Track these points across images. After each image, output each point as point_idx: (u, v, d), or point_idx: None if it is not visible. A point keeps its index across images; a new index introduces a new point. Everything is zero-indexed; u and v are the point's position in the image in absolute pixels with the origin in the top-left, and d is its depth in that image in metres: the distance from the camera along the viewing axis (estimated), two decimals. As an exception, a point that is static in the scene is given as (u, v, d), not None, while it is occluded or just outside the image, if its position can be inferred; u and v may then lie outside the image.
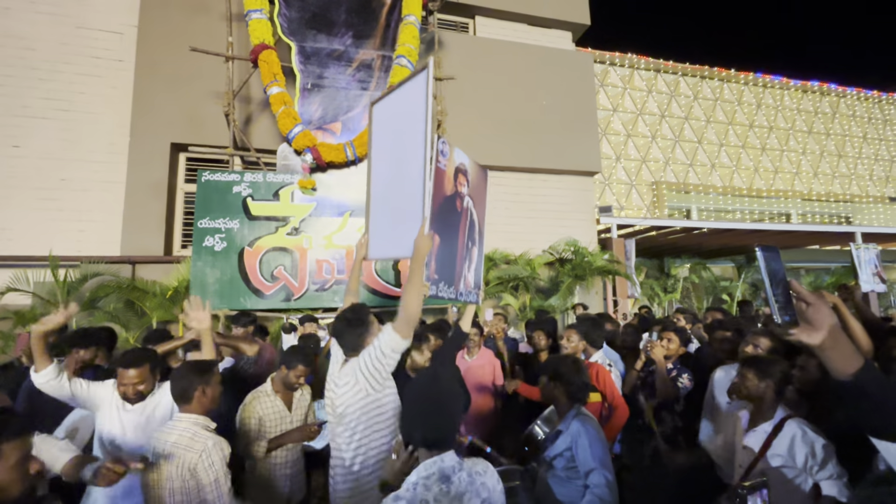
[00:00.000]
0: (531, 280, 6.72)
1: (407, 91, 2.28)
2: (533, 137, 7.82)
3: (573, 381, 2.02)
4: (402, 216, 2.17)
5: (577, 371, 2.05)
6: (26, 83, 6.08)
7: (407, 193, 2.16)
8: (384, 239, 2.38)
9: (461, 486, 1.25)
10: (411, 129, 2.16)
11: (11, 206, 5.84)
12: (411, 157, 2.14)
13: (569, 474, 1.85)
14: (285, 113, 5.73)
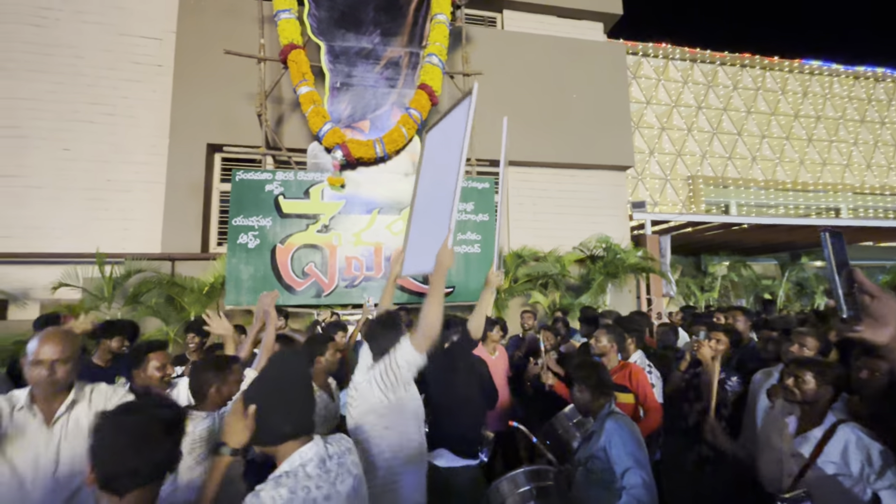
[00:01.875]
0: (561, 277, 6.58)
1: (454, 115, 2.35)
2: (562, 132, 7.66)
3: (594, 383, 1.99)
4: (431, 232, 2.21)
5: (594, 372, 2.04)
6: (75, 89, 6.41)
7: (438, 209, 2.20)
8: (418, 256, 2.43)
9: (335, 467, 1.31)
10: (451, 150, 2.22)
11: (62, 207, 6.18)
12: (447, 174, 2.18)
13: (605, 476, 1.78)
14: (315, 111, 5.83)
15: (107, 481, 0.97)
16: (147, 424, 1.01)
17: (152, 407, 1.05)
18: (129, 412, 1.03)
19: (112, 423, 1.00)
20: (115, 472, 0.97)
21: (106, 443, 0.98)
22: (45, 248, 5.97)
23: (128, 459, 0.97)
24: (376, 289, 5.95)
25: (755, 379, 2.49)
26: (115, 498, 0.97)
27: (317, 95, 5.92)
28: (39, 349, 1.60)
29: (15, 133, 6.19)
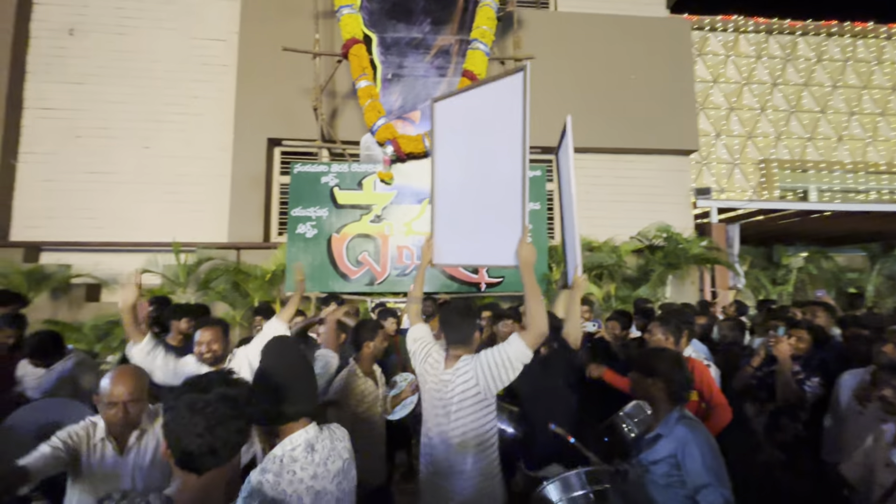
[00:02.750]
0: (617, 268, 6.32)
1: (492, 92, 2.19)
2: (619, 116, 7.29)
3: (673, 379, 1.79)
4: (487, 222, 2.12)
5: (677, 367, 1.83)
6: (153, 91, 6.95)
7: (495, 199, 2.10)
8: (456, 244, 2.33)
9: (324, 451, 1.39)
10: (500, 134, 2.09)
11: (144, 199, 6.77)
12: (501, 162, 2.07)
13: (669, 482, 1.66)
14: (371, 106, 5.94)
15: (185, 460, 0.99)
16: (219, 405, 1.01)
17: (224, 384, 1.05)
18: (202, 391, 1.02)
19: (184, 402, 1.01)
20: (194, 451, 0.98)
21: (181, 423, 0.99)
22: (131, 238, 6.57)
23: (206, 440, 0.98)
24: (427, 277, 6.02)
25: (841, 381, 2.26)
26: (192, 476, 1.00)
27: (374, 90, 6.04)
28: (112, 390, 1.71)
29: (105, 133, 6.83)
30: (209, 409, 1.00)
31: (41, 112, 6.83)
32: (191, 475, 1.00)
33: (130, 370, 1.81)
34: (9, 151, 6.63)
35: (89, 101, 6.85)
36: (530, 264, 1.91)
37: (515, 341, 1.87)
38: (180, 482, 1.00)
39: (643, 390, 1.89)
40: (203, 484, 1.00)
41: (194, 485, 1.00)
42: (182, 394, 1.03)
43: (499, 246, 2.01)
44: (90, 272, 6.33)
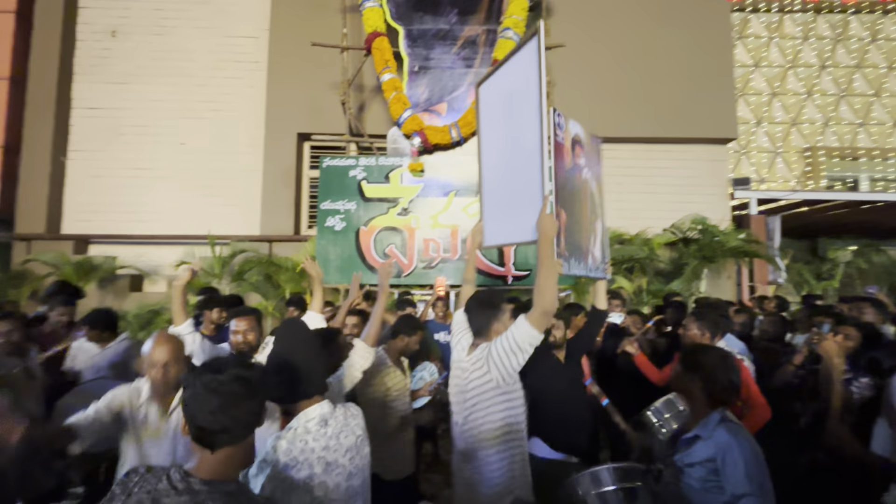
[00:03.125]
0: (649, 261, 6.14)
1: (515, 64, 2.15)
2: (653, 103, 7.04)
3: (718, 380, 1.67)
4: (519, 198, 2.09)
5: (724, 368, 1.69)
6: (189, 89, 7.20)
7: (523, 173, 2.07)
8: (499, 224, 2.33)
9: (337, 426, 1.45)
10: (523, 104, 2.06)
11: (181, 194, 7.04)
12: (525, 133, 2.04)
13: (706, 486, 1.57)
14: (396, 98, 5.96)
15: (200, 437, 1.04)
16: (233, 385, 1.05)
17: (238, 366, 1.08)
18: (217, 372, 1.06)
19: (201, 382, 1.05)
20: (207, 429, 1.03)
21: (197, 401, 1.04)
22: (170, 231, 6.86)
23: (218, 419, 1.03)
24: (453, 270, 6.03)
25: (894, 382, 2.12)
26: (206, 453, 1.04)
27: (398, 82, 6.06)
28: (154, 352, 1.84)
29: (144, 131, 7.13)
30: (223, 389, 1.04)
31: (87, 111, 7.19)
32: (206, 451, 1.05)
33: (169, 335, 1.94)
34: (59, 149, 7.01)
35: (131, 100, 7.16)
36: (548, 237, 1.82)
37: (521, 323, 1.83)
38: (198, 457, 1.06)
39: (683, 386, 1.77)
40: (218, 460, 1.05)
41: (210, 460, 1.04)
42: (199, 374, 1.07)
43: (530, 221, 1.96)
44: (133, 264, 6.66)
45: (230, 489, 1.02)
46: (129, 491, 1.00)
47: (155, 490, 0.99)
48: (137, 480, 1.02)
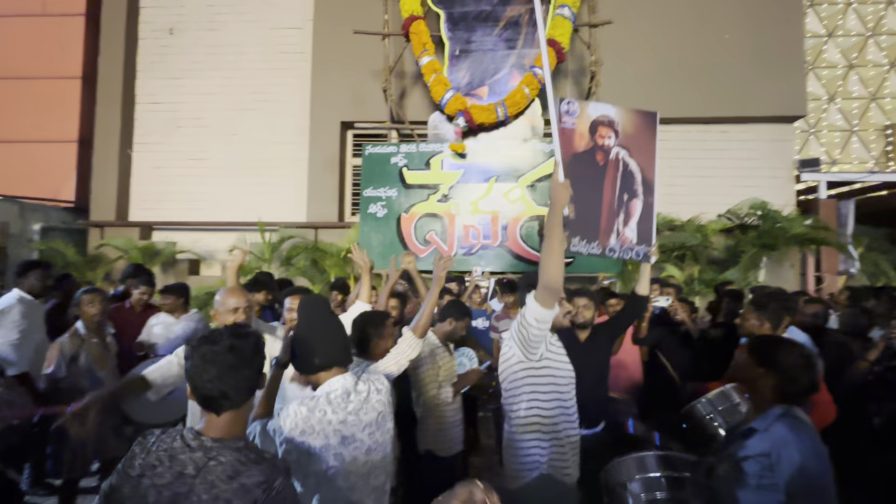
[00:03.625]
0: (702, 249, 5.81)
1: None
2: (710, 80, 6.58)
3: (796, 378, 1.54)
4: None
5: (805, 367, 1.56)
6: (239, 81, 7.49)
7: None
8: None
9: (358, 402, 1.52)
10: None
11: (233, 183, 7.39)
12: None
13: (761, 483, 1.46)
14: (437, 80, 5.92)
15: (204, 402, 1.14)
16: (228, 355, 1.13)
17: (232, 337, 1.16)
18: (213, 343, 1.15)
19: (199, 353, 1.14)
20: (209, 395, 1.12)
21: (197, 371, 1.13)
22: (223, 218, 7.23)
23: (217, 386, 1.12)
24: (493, 256, 5.99)
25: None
26: (213, 415, 1.14)
27: (438, 64, 6.01)
28: (227, 299, 2.07)
29: (199, 123, 7.51)
30: (219, 359, 1.12)
31: (149, 106, 7.66)
32: (211, 415, 1.15)
33: (237, 287, 2.21)
34: (125, 142, 7.54)
35: (187, 94, 7.55)
36: (558, 205, 1.75)
37: (528, 300, 1.84)
38: (206, 419, 1.16)
39: (750, 379, 1.64)
40: (225, 421, 1.15)
41: (217, 422, 1.15)
42: (197, 346, 1.16)
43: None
44: (191, 249, 7.10)
45: (238, 445, 1.12)
46: (148, 449, 1.10)
47: (171, 448, 1.09)
48: (154, 440, 1.11)
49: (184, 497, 1.04)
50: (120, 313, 3.55)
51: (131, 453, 1.10)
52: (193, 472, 1.06)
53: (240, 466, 1.08)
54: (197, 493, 1.04)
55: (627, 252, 2.33)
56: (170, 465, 1.06)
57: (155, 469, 1.06)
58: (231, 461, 1.08)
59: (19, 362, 2.89)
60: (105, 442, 2.70)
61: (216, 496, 1.04)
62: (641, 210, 2.34)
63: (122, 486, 1.06)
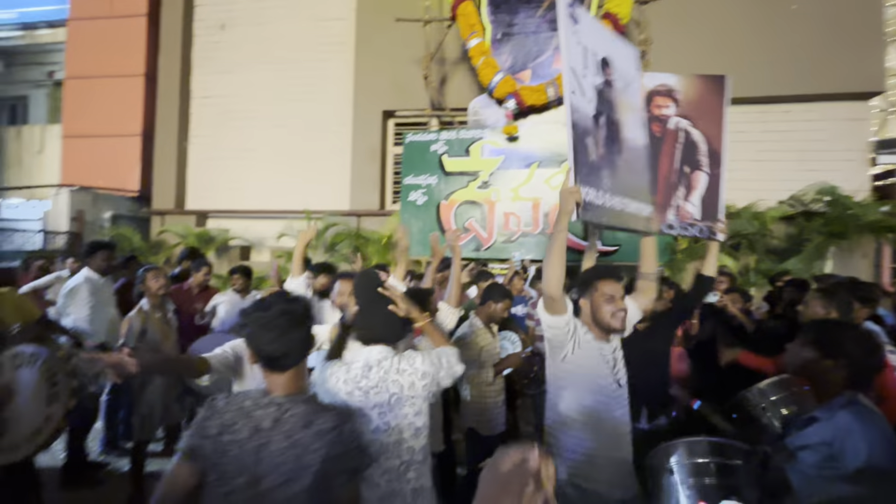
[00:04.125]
0: (759, 238, 5.46)
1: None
2: (772, 57, 6.09)
3: (863, 363, 1.44)
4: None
5: (869, 348, 1.46)
6: (285, 73, 7.72)
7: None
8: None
9: (373, 380, 1.50)
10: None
11: (281, 172, 7.67)
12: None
13: (821, 474, 1.38)
14: (486, 63, 5.85)
15: (268, 363, 1.23)
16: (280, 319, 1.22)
17: (282, 303, 1.25)
18: (265, 310, 1.24)
19: (254, 320, 1.23)
20: (272, 356, 1.22)
21: (256, 336, 1.22)
22: (271, 206, 7.54)
23: (278, 347, 1.21)
24: (533, 244, 5.89)
25: None
26: (277, 373, 1.24)
27: (486, 46, 5.93)
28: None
29: (249, 115, 7.83)
30: (273, 323, 1.22)
31: (203, 100, 8.06)
32: (275, 374, 1.25)
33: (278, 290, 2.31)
34: (182, 135, 8.00)
35: (238, 87, 7.88)
36: (562, 211, 1.70)
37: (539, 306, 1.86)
38: (268, 381, 1.26)
39: (814, 370, 1.52)
40: (287, 379, 1.26)
41: (281, 381, 1.25)
42: (249, 314, 1.26)
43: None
44: (242, 235, 7.46)
45: (305, 398, 1.24)
46: (221, 411, 1.20)
47: (243, 407, 1.19)
48: (224, 403, 1.21)
49: (263, 447, 1.14)
50: (179, 294, 3.81)
51: (204, 416, 1.20)
52: (270, 426, 1.16)
53: (312, 415, 1.18)
54: (276, 443, 1.14)
55: (688, 228, 2.16)
56: (246, 422, 1.16)
57: (232, 427, 1.16)
58: (303, 411, 1.19)
59: (95, 334, 3.19)
60: (169, 409, 2.92)
61: (295, 443, 1.14)
62: (707, 183, 2.18)
63: (203, 445, 1.16)
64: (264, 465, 1.14)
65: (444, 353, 1.64)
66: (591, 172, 1.82)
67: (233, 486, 1.13)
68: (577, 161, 1.75)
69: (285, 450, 1.14)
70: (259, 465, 1.14)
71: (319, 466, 1.14)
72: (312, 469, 1.14)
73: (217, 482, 1.14)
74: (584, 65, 1.85)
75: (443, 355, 1.63)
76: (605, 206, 1.87)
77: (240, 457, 1.14)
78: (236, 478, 1.13)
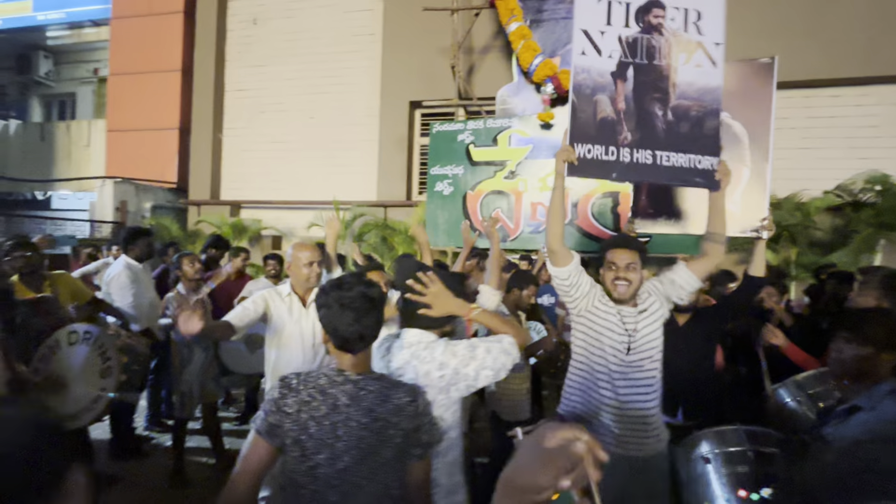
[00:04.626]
0: (801, 229, 5.21)
1: None
2: (818, 38, 5.75)
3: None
4: None
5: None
6: (314, 66, 7.84)
7: None
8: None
9: (396, 362, 1.45)
10: None
11: (311, 164, 7.82)
12: None
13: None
14: (526, 46, 5.75)
15: (342, 344, 1.25)
16: (360, 301, 1.24)
17: (362, 286, 1.27)
18: (347, 290, 1.25)
19: (335, 299, 1.25)
20: (348, 337, 1.24)
21: (335, 316, 1.24)
22: (301, 197, 7.71)
23: (355, 329, 1.23)
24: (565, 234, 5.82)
25: None
26: (348, 355, 1.26)
27: (526, 30, 5.83)
28: (299, 254, 2.30)
29: (280, 108, 8.00)
30: (355, 305, 1.23)
31: (236, 93, 8.29)
32: (347, 354, 1.27)
33: (307, 242, 2.44)
34: (217, 128, 8.25)
35: (269, 81, 8.06)
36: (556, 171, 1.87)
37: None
38: (340, 360, 1.28)
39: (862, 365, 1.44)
40: (360, 360, 1.28)
41: (353, 361, 1.28)
42: (330, 292, 1.27)
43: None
44: (274, 225, 7.67)
45: (376, 376, 1.28)
46: (296, 389, 1.22)
47: (318, 385, 1.22)
48: (297, 383, 1.23)
49: (342, 423, 1.18)
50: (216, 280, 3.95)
51: (280, 394, 1.21)
52: (347, 402, 1.20)
53: (387, 391, 1.22)
54: (355, 419, 1.18)
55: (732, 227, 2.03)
56: (323, 399, 1.20)
57: (310, 404, 1.19)
58: (378, 388, 1.23)
59: (140, 319, 3.37)
60: (207, 388, 3.07)
61: (375, 418, 1.18)
62: (748, 178, 2.08)
63: (282, 423, 1.19)
64: (345, 441, 1.17)
65: (491, 344, 1.46)
66: (602, 129, 1.79)
67: (315, 461, 1.17)
68: (575, 120, 1.74)
69: (367, 425, 1.18)
70: (340, 441, 1.17)
71: (401, 440, 1.18)
72: (393, 442, 1.18)
73: (300, 458, 1.18)
74: (605, 21, 1.80)
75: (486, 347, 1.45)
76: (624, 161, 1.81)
77: (320, 433, 1.17)
78: (318, 454, 1.17)
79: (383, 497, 1.20)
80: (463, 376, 1.41)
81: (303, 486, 1.18)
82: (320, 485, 1.17)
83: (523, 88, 6.01)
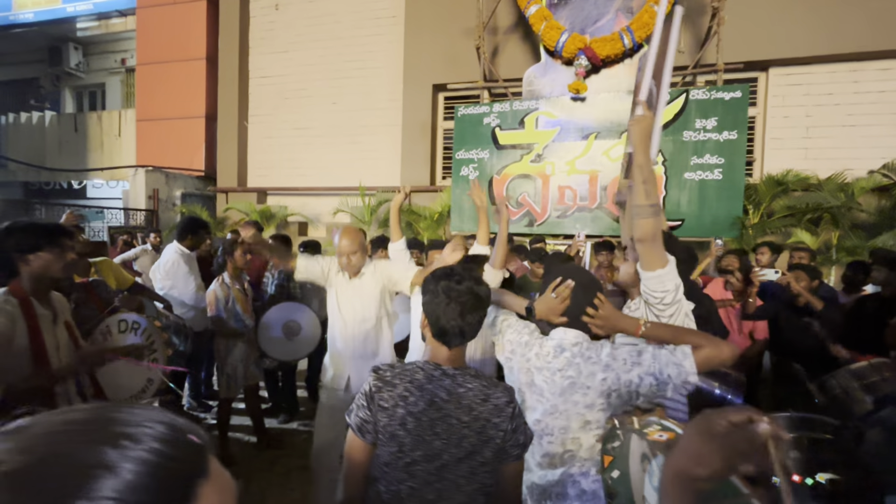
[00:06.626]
0: (844, 211, 4.99)
1: None
2: (865, 6, 5.41)
3: None
4: None
5: None
6: (337, 51, 7.79)
7: None
8: None
9: (562, 361, 1.38)
10: None
11: (335, 150, 7.84)
12: None
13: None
14: (548, 27, 5.60)
15: (441, 335, 1.21)
16: (468, 297, 1.20)
17: (472, 282, 1.22)
18: (457, 283, 1.21)
19: (444, 289, 1.20)
20: (449, 330, 1.19)
21: (439, 305, 1.20)
22: (326, 183, 7.77)
23: (458, 323, 1.19)
24: (589, 220, 5.72)
25: None
26: (444, 349, 1.22)
27: (546, 11, 5.67)
28: (341, 243, 2.32)
29: (304, 94, 8.02)
30: (463, 299, 1.19)
31: (260, 80, 8.32)
32: (443, 347, 1.22)
33: (353, 229, 2.43)
34: (242, 115, 8.33)
35: (292, 66, 8.06)
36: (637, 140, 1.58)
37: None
38: (432, 350, 1.25)
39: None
40: (456, 354, 1.24)
41: (449, 355, 1.23)
42: (439, 280, 1.23)
43: None
44: (300, 212, 7.76)
45: (472, 373, 1.23)
46: (391, 383, 1.18)
47: (415, 379, 1.18)
48: (391, 377, 1.19)
49: (440, 420, 1.15)
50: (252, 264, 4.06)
51: (374, 388, 1.17)
52: (446, 397, 1.16)
53: (486, 390, 1.19)
54: (456, 416, 1.15)
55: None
56: (420, 395, 1.16)
57: (407, 399, 1.15)
58: (477, 386, 1.19)
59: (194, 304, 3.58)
60: (249, 371, 3.17)
61: (476, 417, 1.15)
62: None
63: (377, 418, 1.15)
64: (444, 439, 1.14)
65: (659, 352, 1.31)
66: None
67: (412, 457, 1.15)
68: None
69: (469, 423, 1.15)
70: (438, 439, 1.14)
71: (501, 440, 1.16)
72: (494, 442, 1.15)
73: (397, 454, 1.15)
74: None
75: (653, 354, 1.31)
76: None
77: (418, 429, 1.14)
78: (415, 450, 1.14)
79: (478, 495, 1.18)
80: (625, 382, 1.31)
81: (400, 482, 1.16)
82: (418, 482, 1.15)
83: (551, 68, 5.88)
